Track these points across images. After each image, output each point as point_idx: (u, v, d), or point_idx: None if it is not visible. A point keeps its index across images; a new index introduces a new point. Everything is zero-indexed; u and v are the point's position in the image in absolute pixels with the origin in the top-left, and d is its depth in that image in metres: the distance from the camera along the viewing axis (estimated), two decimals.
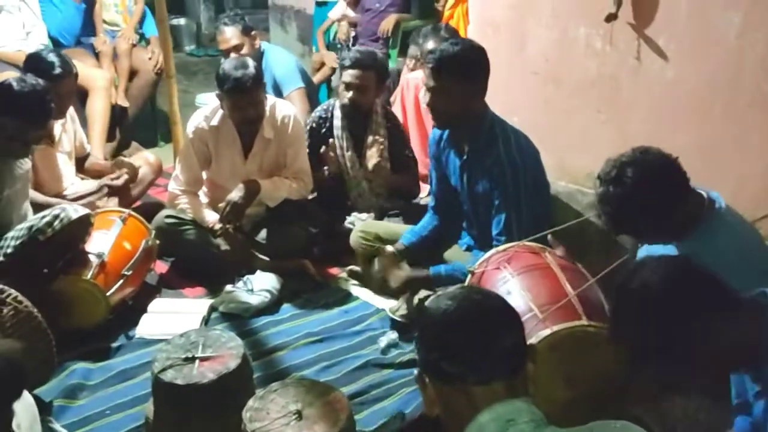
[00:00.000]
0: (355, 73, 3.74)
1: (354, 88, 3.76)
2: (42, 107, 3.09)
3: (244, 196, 3.60)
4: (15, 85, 3.06)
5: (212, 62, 7.44)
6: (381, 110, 3.92)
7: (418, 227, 3.37)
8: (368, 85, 3.77)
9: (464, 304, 1.48)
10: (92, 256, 3.18)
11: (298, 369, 2.99)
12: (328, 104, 4.03)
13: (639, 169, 2.15)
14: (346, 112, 3.86)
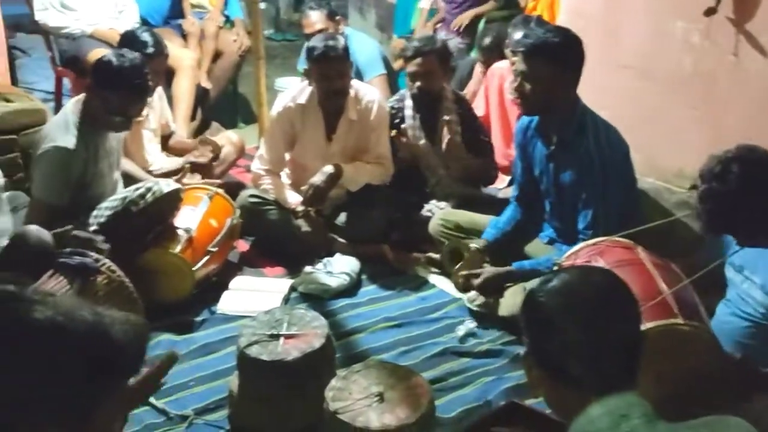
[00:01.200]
0: (417, 61, 3.75)
1: (419, 76, 3.76)
2: (141, 80, 3.16)
3: (327, 179, 3.64)
4: (114, 60, 3.15)
5: (290, 47, 7.51)
6: (451, 95, 3.90)
7: (502, 222, 3.35)
8: (432, 70, 3.76)
9: (578, 284, 1.42)
10: (181, 230, 3.26)
11: (377, 352, 3.01)
12: (401, 95, 4.04)
13: (745, 166, 2.09)
14: (416, 101, 3.86)
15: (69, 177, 3.13)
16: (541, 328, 1.42)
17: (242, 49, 5.32)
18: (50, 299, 1.07)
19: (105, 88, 3.12)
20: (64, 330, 1.05)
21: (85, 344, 1.06)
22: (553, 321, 1.40)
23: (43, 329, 1.04)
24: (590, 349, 1.36)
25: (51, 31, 4.82)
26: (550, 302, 1.41)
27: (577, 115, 2.99)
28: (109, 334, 1.09)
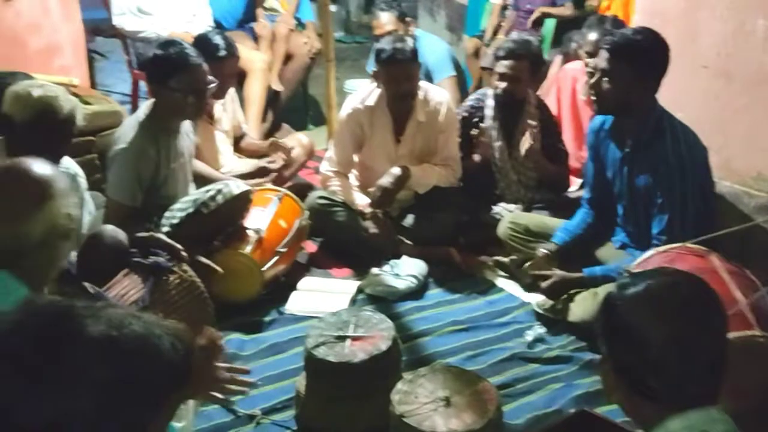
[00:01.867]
0: (508, 63, 3.68)
1: (507, 78, 3.70)
2: (193, 53, 3.18)
3: (395, 181, 3.63)
4: (160, 50, 3.18)
5: (360, 49, 7.54)
6: (534, 100, 3.84)
7: (572, 225, 3.29)
8: (522, 76, 3.70)
9: (665, 291, 1.33)
10: (251, 231, 3.30)
11: (443, 356, 2.99)
12: (482, 93, 3.99)
13: None
14: (498, 102, 3.81)
15: (141, 178, 3.19)
16: (621, 337, 1.35)
17: (312, 51, 5.37)
18: (103, 313, 1.06)
19: (166, 77, 3.13)
20: (118, 343, 1.04)
21: (136, 358, 1.05)
22: (635, 331, 1.32)
23: (97, 344, 1.03)
24: (673, 364, 1.30)
25: (128, 35, 4.95)
26: (632, 311, 1.34)
27: (654, 117, 2.91)
28: (160, 348, 1.08)
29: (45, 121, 2.43)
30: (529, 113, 3.81)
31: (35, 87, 2.47)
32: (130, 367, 1.04)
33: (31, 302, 1.09)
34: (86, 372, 1.00)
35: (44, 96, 2.44)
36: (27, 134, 2.44)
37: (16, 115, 2.43)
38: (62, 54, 4.44)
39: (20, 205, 1.71)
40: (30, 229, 1.70)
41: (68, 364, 1.00)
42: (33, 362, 1.00)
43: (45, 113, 2.43)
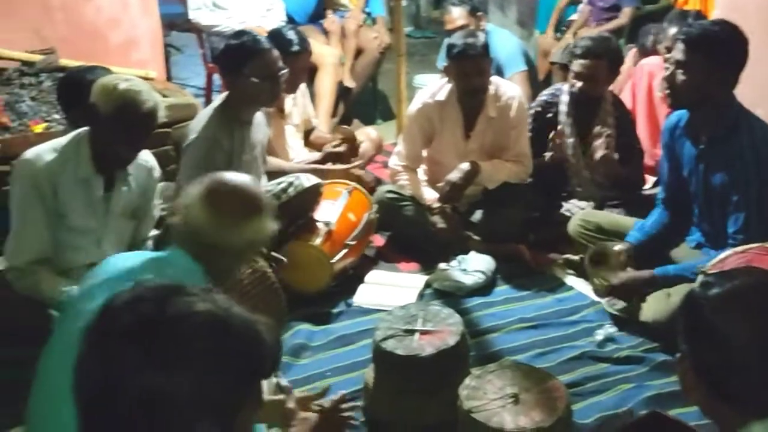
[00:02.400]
0: (585, 63, 3.61)
1: (584, 78, 3.63)
2: (263, 39, 3.23)
3: (464, 176, 3.62)
4: (233, 40, 3.22)
5: (429, 44, 7.53)
6: (611, 98, 3.77)
7: (648, 225, 3.21)
8: (599, 75, 3.63)
9: (751, 291, 1.28)
10: (320, 224, 3.34)
11: (512, 353, 2.97)
12: (556, 89, 3.94)
13: None
14: (574, 100, 3.76)
15: (213, 168, 3.21)
16: (703, 337, 1.31)
17: (382, 46, 5.38)
18: (210, 296, 1.11)
19: (241, 64, 3.15)
20: (225, 324, 1.08)
21: (241, 341, 1.08)
22: (718, 334, 1.28)
23: (207, 323, 1.06)
24: (756, 367, 1.25)
25: (203, 29, 5.05)
26: (716, 310, 1.30)
27: (731, 113, 2.83)
28: (260, 334, 1.11)
29: (127, 113, 2.50)
30: (604, 110, 3.74)
31: (121, 80, 2.53)
32: (234, 346, 1.07)
33: (142, 282, 1.13)
34: (192, 346, 1.04)
35: (129, 90, 2.50)
36: (110, 125, 2.51)
37: (101, 106, 2.51)
38: (140, 48, 4.55)
39: (239, 212, 1.88)
40: (238, 236, 1.87)
41: (177, 338, 1.04)
42: (144, 336, 1.03)
43: (127, 106, 2.49)
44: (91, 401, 1.04)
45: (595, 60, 3.59)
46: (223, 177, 1.98)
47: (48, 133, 3.39)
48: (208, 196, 1.89)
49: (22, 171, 2.60)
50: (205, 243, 1.85)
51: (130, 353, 1.02)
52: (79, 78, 2.89)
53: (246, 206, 1.91)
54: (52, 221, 2.59)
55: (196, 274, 1.83)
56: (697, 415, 1.97)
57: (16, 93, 3.97)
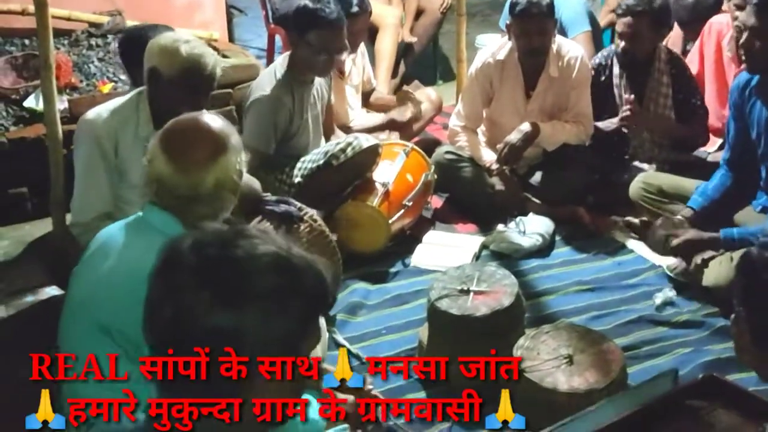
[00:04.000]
0: (627, 20, 3.52)
1: (626, 37, 3.54)
2: (337, 14, 3.24)
3: (523, 138, 3.58)
4: (310, 3, 3.24)
5: (492, 4, 7.38)
6: (665, 56, 3.66)
7: (710, 189, 3.12)
8: (642, 33, 3.52)
9: None
10: (378, 184, 3.36)
11: (568, 315, 2.95)
12: (609, 51, 3.85)
13: None
14: (621, 61, 3.67)
15: (276, 126, 3.29)
16: (758, 297, 1.32)
17: (444, 6, 5.32)
18: (270, 237, 1.13)
19: (306, 30, 3.21)
20: (288, 263, 1.11)
21: (303, 279, 1.11)
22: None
23: (271, 263, 1.09)
24: None
25: None
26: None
27: None
28: (320, 272, 1.14)
29: (192, 77, 2.51)
30: (658, 70, 3.64)
31: (181, 42, 2.53)
32: (296, 285, 1.10)
33: (206, 225, 1.18)
34: (258, 285, 1.07)
35: (192, 53, 2.51)
36: (172, 88, 2.52)
37: (163, 69, 2.53)
38: (203, 9, 4.62)
39: (198, 155, 1.81)
40: (203, 179, 1.80)
41: (243, 278, 1.07)
42: (210, 277, 1.07)
43: (192, 70, 2.51)
44: (162, 342, 1.09)
45: (637, 17, 3.50)
46: (178, 121, 1.90)
47: (115, 93, 3.49)
48: (165, 144, 1.82)
49: (84, 130, 2.68)
50: (175, 193, 1.80)
51: (198, 294, 1.06)
52: (140, 36, 2.92)
53: (206, 146, 1.82)
54: (114, 178, 2.65)
55: (173, 227, 1.79)
56: (755, 380, 1.97)
57: (84, 54, 4.08)
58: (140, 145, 2.62)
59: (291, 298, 1.09)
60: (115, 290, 1.77)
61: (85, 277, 1.89)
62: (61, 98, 3.39)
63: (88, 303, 1.83)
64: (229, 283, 1.07)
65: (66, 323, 1.90)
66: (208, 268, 1.08)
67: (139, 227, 1.86)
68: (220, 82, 3.93)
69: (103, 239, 1.93)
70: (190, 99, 2.50)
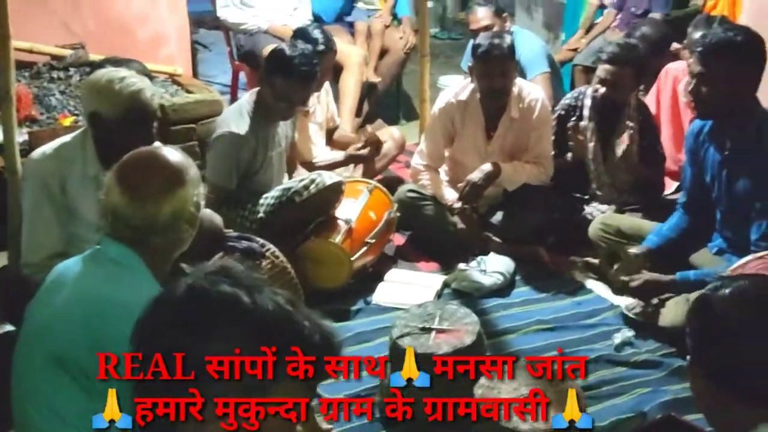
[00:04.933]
0: (610, 69, 3.60)
1: (608, 84, 3.62)
2: (309, 69, 3.29)
3: (485, 177, 3.62)
4: (287, 50, 3.30)
5: (455, 46, 7.53)
6: (634, 102, 3.76)
7: (665, 228, 3.20)
8: (624, 82, 3.62)
9: (758, 293, 1.34)
10: (341, 221, 3.37)
11: (528, 354, 2.96)
12: (579, 92, 3.93)
13: None
14: (597, 104, 3.75)
15: (238, 161, 3.30)
16: (716, 337, 1.35)
17: (408, 46, 5.40)
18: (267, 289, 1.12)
19: (274, 74, 3.27)
20: (290, 319, 1.10)
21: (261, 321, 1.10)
22: (730, 330, 1.33)
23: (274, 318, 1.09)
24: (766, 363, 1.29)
25: (230, 27, 5.09)
26: (728, 310, 1.35)
27: (755, 119, 2.81)
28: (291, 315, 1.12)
29: (135, 114, 2.46)
30: (628, 116, 3.73)
31: (117, 82, 2.47)
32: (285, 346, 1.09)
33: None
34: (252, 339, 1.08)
35: (131, 91, 2.43)
36: (118, 129, 2.47)
37: (105, 112, 2.47)
38: (168, 44, 4.62)
39: (154, 187, 1.80)
40: (159, 211, 1.78)
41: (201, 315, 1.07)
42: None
43: (134, 108, 2.45)
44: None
45: (621, 67, 3.58)
46: (135, 153, 1.89)
47: (76, 126, 3.45)
48: (120, 176, 1.81)
49: (29, 170, 2.65)
50: (130, 224, 1.79)
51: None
52: None
53: (162, 178, 1.81)
54: (63, 217, 2.59)
55: (130, 258, 1.79)
56: None
57: (45, 87, 4.05)
58: (89, 183, 2.57)
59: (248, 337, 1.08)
60: (70, 320, 1.75)
61: (41, 309, 1.87)
62: (21, 131, 3.35)
63: (44, 333, 1.80)
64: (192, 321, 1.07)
65: (20, 355, 1.86)
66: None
67: (96, 259, 1.85)
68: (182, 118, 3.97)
69: (59, 271, 1.91)
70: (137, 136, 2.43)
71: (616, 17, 5.46)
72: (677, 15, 5.23)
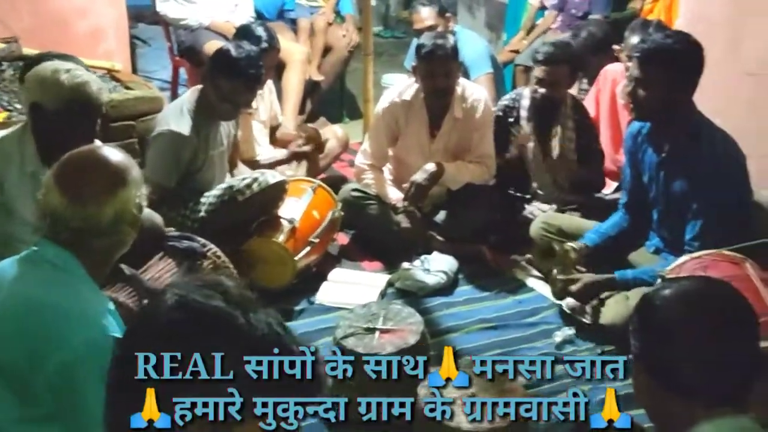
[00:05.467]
0: (547, 69, 3.65)
1: (546, 84, 3.67)
2: (255, 72, 3.25)
3: (428, 177, 3.64)
4: (233, 50, 3.25)
5: (398, 44, 7.54)
6: (570, 101, 3.82)
7: (604, 227, 3.26)
8: (560, 81, 3.68)
9: (700, 294, 1.39)
10: (284, 221, 3.34)
11: (471, 353, 2.97)
12: (517, 93, 3.98)
13: None
14: (534, 104, 3.80)
15: (179, 160, 3.24)
16: (658, 334, 1.40)
17: (351, 44, 5.39)
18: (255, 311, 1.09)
19: (220, 75, 3.22)
20: (279, 341, 1.07)
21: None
22: (672, 328, 1.38)
23: (266, 341, 1.05)
24: (708, 359, 1.34)
25: (170, 22, 5.00)
26: (671, 309, 1.40)
27: (692, 122, 2.89)
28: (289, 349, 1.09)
29: (78, 107, 2.40)
30: (564, 115, 3.79)
31: (62, 72, 2.42)
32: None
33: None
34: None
35: (75, 83, 2.38)
36: (59, 122, 2.42)
37: (46, 103, 2.41)
38: (106, 39, 4.50)
39: (95, 188, 1.74)
40: (101, 212, 1.73)
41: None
42: None
43: (77, 100, 2.38)
44: None
45: (557, 66, 3.64)
46: (74, 153, 1.83)
47: (10, 122, 3.35)
48: (59, 177, 1.76)
49: None
50: (70, 226, 1.73)
51: None
52: (41, 63, 2.81)
53: (103, 179, 1.76)
54: (1, 216, 2.52)
55: (68, 261, 1.74)
56: None
57: None
58: (27, 181, 2.50)
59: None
60: (5, 323, 1.69)
61: None
62: None
63: None
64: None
65: None
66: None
67: (32, 261, 1.79)
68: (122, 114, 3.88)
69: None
70: (79, 130, 2.40)
71: (557, 19, 5.54)
72: (616, 17, 5.34)
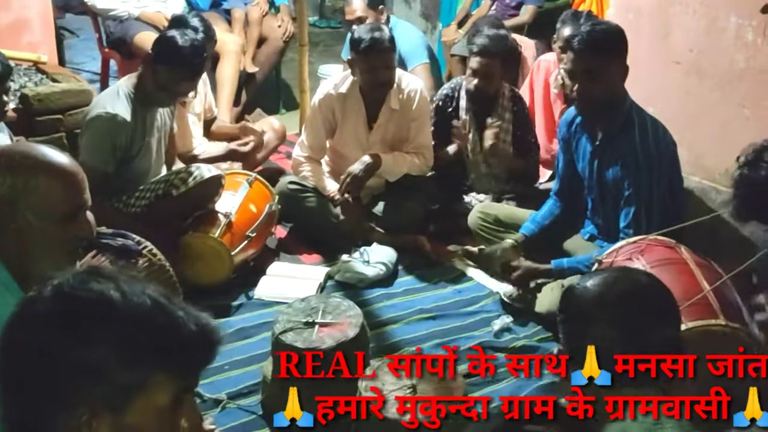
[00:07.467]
0: (481, 60, 3.68)
1: (480, 75, 3.70)
2: (198, 61, 3.18)
3: (365, 168, 3.63)
4: (179, 38, 3.16)
5: (334, 34, 7.50)
6: (508, 93, 3.86)
7: (540, 216, 3.31)
8: (494, 72, 3.72)
9: (621, 283, 1.45)
10: (220, 215, 3.29)
11: (411, 344, 3.00)
12: (455, 83, 4.00)
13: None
14: (471, 97, 3.82)
15: (115, 143, 3.14)
16: (577, 323, 1.47)
17: (286, 35, 5.33)
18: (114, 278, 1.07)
19: (161, 62, 3.14)
20: (164, 311, 1.07)
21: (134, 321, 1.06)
22: (588, 315, 1.45)
23: (148, 310, 1.05)
24: (624, 345, 1.40)
25: (99, 13, 4.87)
26: (587, 297, 1.46)
27: (624, 110, 2.93)
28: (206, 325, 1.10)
29: None
30: (501, 106, 3.82)
31: None
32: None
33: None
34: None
35: None
36: None
37: None
38: (30, 30, 4.36)
39: None
40: None
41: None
42: None
43: None
44: None
45: (491, 58, 3.67)
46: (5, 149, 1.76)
47: None
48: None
49: None
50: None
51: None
52: None
53: None
54: None
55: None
56: None
57: None
58: None
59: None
60: None
61: None
62: None
63: None
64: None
65: None
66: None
67: None
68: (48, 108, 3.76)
69: None
70: None
71: (491, 8, 5.57)
72: (549, 7, 5.41)
